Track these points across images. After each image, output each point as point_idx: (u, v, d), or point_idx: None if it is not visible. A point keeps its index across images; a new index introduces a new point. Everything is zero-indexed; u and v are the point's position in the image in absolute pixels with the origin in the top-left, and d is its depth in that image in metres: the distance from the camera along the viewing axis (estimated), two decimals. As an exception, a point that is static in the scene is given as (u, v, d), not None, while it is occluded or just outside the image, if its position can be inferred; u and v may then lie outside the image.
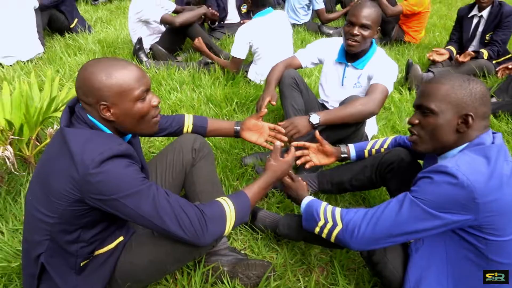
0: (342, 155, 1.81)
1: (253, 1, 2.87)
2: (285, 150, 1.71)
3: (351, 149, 1.82)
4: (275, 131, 1.81)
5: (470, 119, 1.16)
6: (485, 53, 3.35)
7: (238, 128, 1.79)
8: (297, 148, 1.83)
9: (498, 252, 1.15)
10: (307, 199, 1.44)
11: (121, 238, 1.33)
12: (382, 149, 1.77)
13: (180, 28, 3.46)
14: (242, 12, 4.34)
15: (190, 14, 3.45)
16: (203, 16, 3.86)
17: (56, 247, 1.19)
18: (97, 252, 1.28)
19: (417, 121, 1.27)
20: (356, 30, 1.97)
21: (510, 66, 3.09)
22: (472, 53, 3.35)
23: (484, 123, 1.20)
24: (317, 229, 1.33)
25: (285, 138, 1.79)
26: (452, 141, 1.22)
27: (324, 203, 1.36)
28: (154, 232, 1.31)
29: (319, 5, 4.60)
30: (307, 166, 1.80)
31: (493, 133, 1.22)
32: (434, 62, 3.50)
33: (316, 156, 1.83)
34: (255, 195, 1.33)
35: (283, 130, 1.80)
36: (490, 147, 1.14)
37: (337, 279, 1.56)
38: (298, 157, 1.81)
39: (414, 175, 1.57)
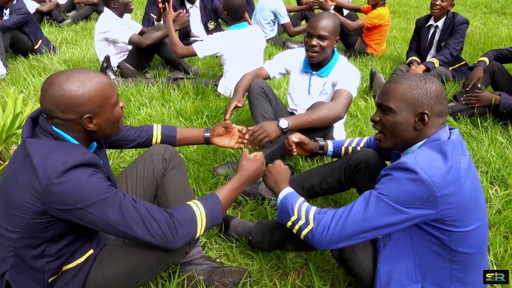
0: (319, 152, 1.87)
1: (229, 13, 2.93)
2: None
3: (329, 145, 1.87)
4: (242, 133, 1.85)
5: (426, 117, 1.22)
6: (436, 62, 3.52)
7: (208, 135, 1.80)
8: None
9: (460, 243, 1.19)
10: (285, 191, 1.42)
11: (91, 251, 1.30)
12: (359, 147, 1.82)
13: (151, 47, 3.47)
14: (210, 29, 4.39)
15: (157, 34, 3.44)
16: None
17: (22, 264, 1.16)
18: (66, 267, 1.24)
19: (378, 119, 1.33)
20: (314, 41, 2.05)
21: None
22: (424, 67, 3.50)
23: (441, 120, 1.26)
24: (289, 223, 1.34)
25: (240, 105, 1.93)
26: (411, 137, 1.27)
27: (300, 199, 1.36)
28: (125, 241, 1.29)
29: (285, 19, 4.72)
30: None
31: (450, 129, 1.28)
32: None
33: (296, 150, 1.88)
34: (227, 195, 1.33)
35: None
36: (445, 142, 1.20)
37: (313, 281, 1.58)
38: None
39: (381, 175, 1.62)
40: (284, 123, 1.88)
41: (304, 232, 1.28)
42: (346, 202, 2.00)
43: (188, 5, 4.25)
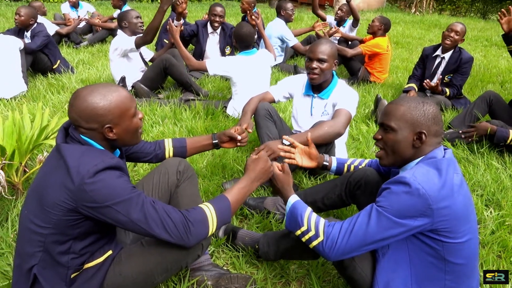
0: (324, 163, 1.96)
1: (238, 42, 3.15)
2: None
3: (333, 161, 1.98)
4: (246, 134, 2.01)
5: (423, 136, 1.35)
6: (448, 92, 3.72)
7: (216, 142, 1.98)
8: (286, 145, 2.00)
9: (453, 254, 1.30)
10: (293, 199, 1.51)
11: (110, 252, 1.41)
12: (360, 167, 1.92)
13: (164, 68, 3.66)
14: (226, 54, 4.65)
15: (153, 24, 3.29)
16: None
17: (49, 259, 1.27)
18: (86, 266, 1.35)
19: (380, 137, 1.46)
20: (314, 64, 2.23)
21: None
22: (441, 88, 3.68)
23: (437, 140, 1.38)
24: (298, 232, 1.43)
25: (250, 131, 1.99)
26: (409, 154, 1.40)
27: (308, 209, 1.45)
28: (143, 242, 1.41)
29: (293, 41, 4.88)
30: (287, 161, 1.90)
31: (445, 148, 1.40)
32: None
33: (301, 157, 1.97)
34: (235, 195, 1.44)
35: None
36: (441, 160, 1.32)
37: (314, 290, 1.67)
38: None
39: (380, 191, 1.74)
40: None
41: (314, 243, 1.38)
42: (346, 218, 2.10)
43: (209, 30, 4.55)
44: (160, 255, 1.37)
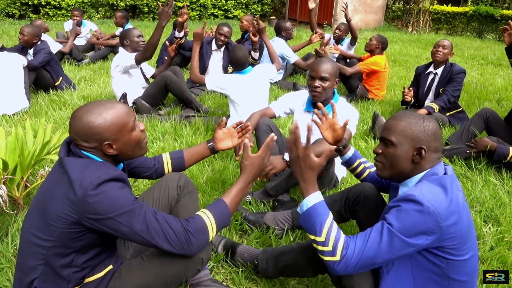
0: (341, 148, 1.87)
1: (233, 64, 3.24)
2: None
3: (350, 151, 1.89)
4: (240, 128, 1.94)
5: (423, 151, 1.36)
6: (435, 107, 3.76)
7: (211, 144, 1.93)
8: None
9: (457, 271, 1.30)
10: (314, 199, 1.37)
11: (110, 267, 1.41)
12: (368, 171, 1.87)
13: (165, 85, 3.71)
14: (229, 72, 4.72)
15: (152, 40, 3.30)
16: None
17: (50, 272, 1.27)
18: (87, 280, 1.35)
19: (380, 151, 1.47)
20: (317, 83, 2.28)
21: None
22: (426, 110, 3.74)
23: (437, 156, 1.40)
24: (312, 237, 1.35)
25: (249, 130, 1.94)
26: (408, 169, 1.41)
27: (330, 217, 1.34)
28: (143, 255, 1.41)
29: (293, 58, 4.94)
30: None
31: (444, 165, 1.42)
32: None
33: (326, 131, 1.90)
34: (233, 198, 1.44)
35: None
36: (444, 177, 1.33)
37: (313, 306, 1.67)
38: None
39: (379, 206, 1.75)
40: (288, 156, 2.05)
41: (326, 259, 1.31)
42: (346, 233, 2.11)
43: (214, 47, 4.65)
44: (160, 268, 1.38)
